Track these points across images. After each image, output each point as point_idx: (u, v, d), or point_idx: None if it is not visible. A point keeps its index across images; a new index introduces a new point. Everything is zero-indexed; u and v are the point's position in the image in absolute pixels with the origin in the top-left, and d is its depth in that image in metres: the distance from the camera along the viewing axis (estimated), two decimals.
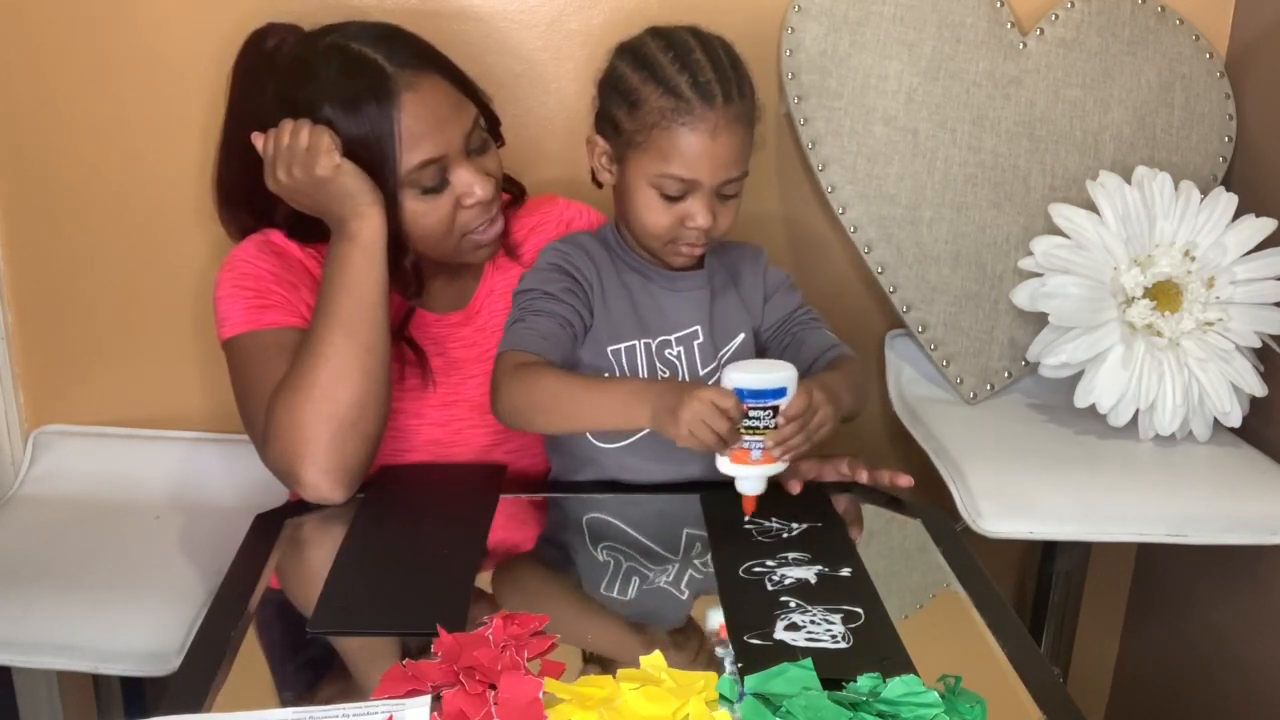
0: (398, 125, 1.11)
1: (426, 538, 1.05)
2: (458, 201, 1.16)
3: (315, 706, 0.79)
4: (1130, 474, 1.33)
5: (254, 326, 1.16)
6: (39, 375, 1.57)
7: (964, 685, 0.82)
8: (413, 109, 1.11)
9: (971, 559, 1.06)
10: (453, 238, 1.18)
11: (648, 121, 1.12)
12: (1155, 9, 1.51)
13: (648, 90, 1.12)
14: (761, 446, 1.05)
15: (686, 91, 1.10)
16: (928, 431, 1.44)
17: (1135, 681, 1.78)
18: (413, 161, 1.12)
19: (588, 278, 1.20)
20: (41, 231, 1.51)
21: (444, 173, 1.15)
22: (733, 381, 1.04)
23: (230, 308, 1.18)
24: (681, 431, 1.03)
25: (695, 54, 1.12)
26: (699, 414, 1.01)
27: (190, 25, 1.45)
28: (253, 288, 1.18)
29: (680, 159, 1.11)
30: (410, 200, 1.15)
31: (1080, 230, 1.37)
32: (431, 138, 1.12)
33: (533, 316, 1.17)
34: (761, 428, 1.04)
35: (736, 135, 1.13)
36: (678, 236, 1.16)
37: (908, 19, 1.45)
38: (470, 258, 1.22)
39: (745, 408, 1.03)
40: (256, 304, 1.17)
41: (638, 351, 1.20)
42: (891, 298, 1.49)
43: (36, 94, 1.46)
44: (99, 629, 1.22)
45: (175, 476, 1.52)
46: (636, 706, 0.77)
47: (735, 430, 1.04)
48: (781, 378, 1.05)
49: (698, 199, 1.14)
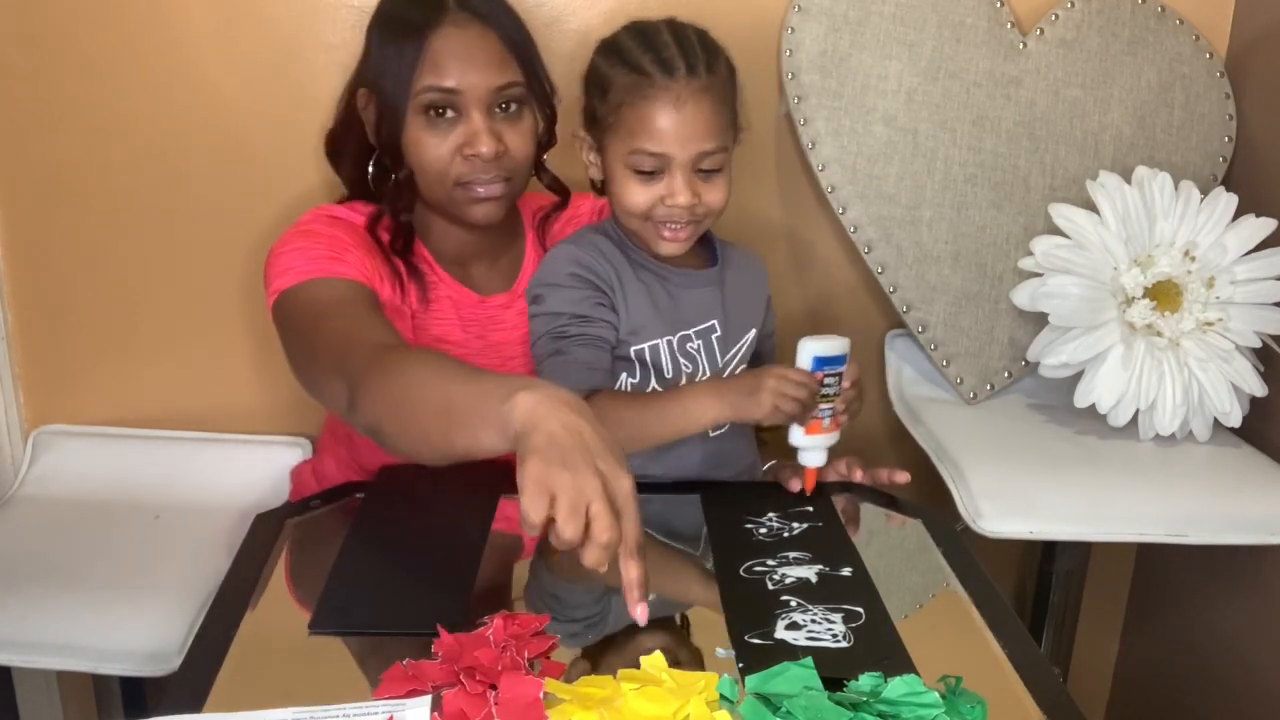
0: (426, 46, 1.15)
1: (426, 538, 1.05)
2: (460, 148, 1.18)
3: (315, 706, 0.79)
4: (1130, 474, 1.33)
5: (324, 274, 1.14)
6: (39, 375, 1.57)
7: (964, 685, 0.82)
8: (447, 40, 1.16)
9: (971, 559, 1.06)
10: (447, 182, 1.20)
11: (615, 101, 1.13)
12: (1155, 9, 1.51)
13: (615, 73, 1.14)
14: (831, 413, 1.14)
15: (648, 67, 1.12)
16: (928, 431, 1.44)
17: (1135, 681, 1.78)
18: (424, 81, 1.16)
19: (609, 282, 1.19)
20: (41, 231, 1.51)
21: (457, 112, 1.17)
22: (811, 350, 1.12)
23: (295, 259, 1.15)
24: (766, 408, 1.11)
25: (662, 35, 1.14)
26: (777, 388, 1.10)
27: (190, 25, 1.45)
28: (325, 243, 1.17)
29: (646, 133, 1.12)
30: (416, 125, 1.18)
31: (1080, 230, 1.37)
32: (451, 70, 1.16)
33: (574, 347, 1.17)
34: (833, 394, 1.14)
35: (705, 106, 1.13)
36: (659, 216, 1.15)
37: (908, 19, 1.45)
38: (464, 213, 1.22)
39: (820, 376, 1.12)
40: (327, 255, 1.16)
41: (660, 349, 1.20)
42: (891, 298, 1.49)
43: (36, 94, 1.46)
44: (99, 629, 1.22)
45: (175, 476, 1.52)
46: (637, 707, 0.77)
47: (815, 399, 1.12)
48: (843, 345, 1.14)
49: (675, 176, 1.13)
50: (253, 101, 1.47)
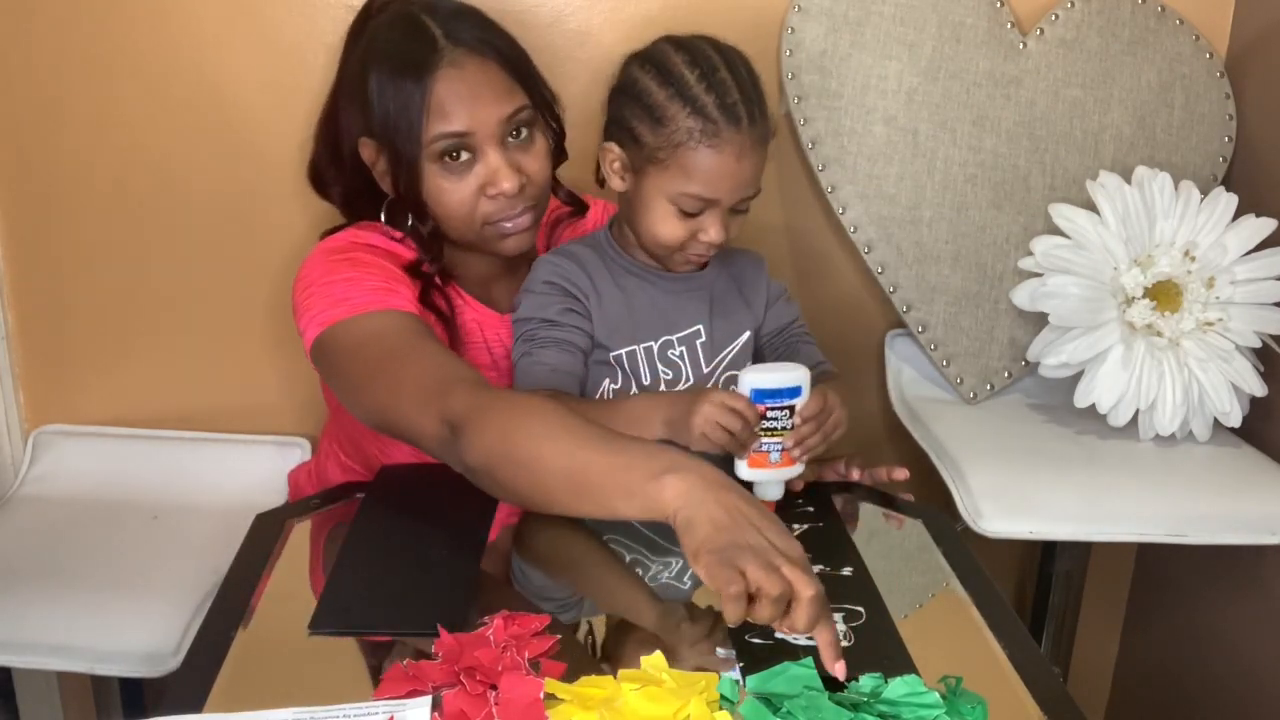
0: (430, 94, 1.12)
1: (426, 538, 1.05)
2: (482, 188, 1.16)
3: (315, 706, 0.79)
4: (1130, 474, 1.33)
5: (384, 306, 1.11)
6: (39, 375, 1.57)
7: (964, 685, 0.82)
8: (449, 82, 1.13)
9: (971, 559, 1.06)
10: (474, 224, 1.18)
11: (674, 140, 1.11)
12: (1155, 9, 1.51)
13: (674, 108, 1.11)
14: (780, 448, 1.07)
15: (714, 113, 1.10)
16: (928, 431, 1.44)
17: (1135, 681, 1.78)
18: (435, 131, 1.13)
19: (582, 289, 1.19)
20: (41, 231, 1.51)
21: (471, 153, 1.15)
22: (749, 382, 1.06)
23: (350, 290, 1.12)
24: (695, 435, 1.05)
25: (720, 72, 1.12)
26: (710, 415, 1.04)
27: (190, 25, 1.44)
28: (378, 274, 1.14)
29: (704, 180, 1.11)
30: (433, 174, 1.15)
31: (1080, 230, 1.37)
32: (459, 113, 1.13)
33: (539, 349, 1.17)
34: (779, 429, 1.06)
35: (758, 155, 1.14)
36: (687, 248, 1.17)
37: (908, 19, 1.45)
38: (496, 248, 1.21)
39: (763, 409, 1.05)
40: (383, 287, 1.13)
41: (639, 356, 1.20)
42: (891, 298, 1.49)
43: (36, 94, 1.46)
44: (98, 629, 1.22)
45: (175, 476, 1.52)
46: (637, 707, 0.77)
47: (752, 431, 1.05)
48: (795, 377, 1.07)
49: (713, 215, 1.14)
50: (253, 102, 1.47)
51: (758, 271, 1.29)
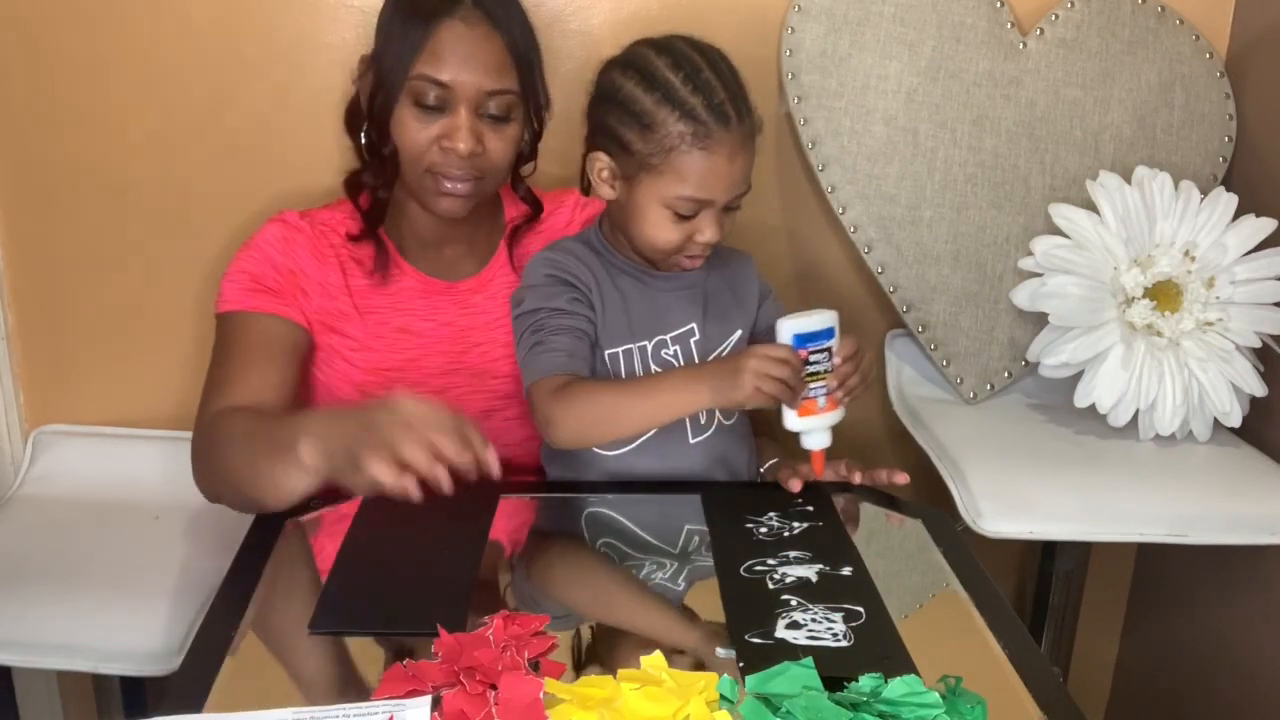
0: (432, 36, 1.16)
1: (426, 538, 1.05)
2: (439, 139, 1.19)
3: (315, 706, 0.79)
4: (1130, 474, 1.33)
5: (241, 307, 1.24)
6: (39, 375, 1.57)
7: (964, 685, 0.82)
8: (452, 34, 1.17)
9: (971, 559, 1.06)
10: (418, 167, 1.21)
11: (665, 145, 1.11)
12: (1155, 9, 1.51)
13: (663, 113, 1.11)
14: (825, 391, 1.10)
15: (704, 115, 1.10)
16: (928, 431, 1.44)
17: (1135, 681, 1.78)
18: (420, 69, 1.17)
19: (586, 283, 1.19)
20: (41, 231, 1.51)
21: (445, 105, 1.18)
22: (789, 329, 1.09)
23: (229, 287, 1.25)
24: (748, 391, 1.07)
25: (704, 72, 1.12)
26: (759, 369, 1.07)
27: (190, 25, 1.45)
28: (252, 271, 1.25)
29: (698, 182, 1.12)
30: (405, 106, 1.19)
31: (1080, 230, 1.37)
32: (448, 64, 1.17)
33: (551, 336, 1.17)
34: (822, 371, 1.10)
35: (748, 152, 1.14)
36: (683, 250, 1.17)
37: (908, 19, 1.45)
38: (428, 202, 1.24)
39: (804, 354, 1.08)
40: (250, 286, 1.24)
41: (633, 355, 1.20)
42: (891, 298, 1.49)
43: (36, 94, 1.46)
44: (99, 629, 1.22)
45: (175, 476, 1.50)
46: (637, 707, 0.77)
47: (800, 377, 1.08)
48: (829, 318, 1.10)
49: (708, 215, 1.14)
50: (252, 102, 1.47)
51: (748, 269, 1.29)
